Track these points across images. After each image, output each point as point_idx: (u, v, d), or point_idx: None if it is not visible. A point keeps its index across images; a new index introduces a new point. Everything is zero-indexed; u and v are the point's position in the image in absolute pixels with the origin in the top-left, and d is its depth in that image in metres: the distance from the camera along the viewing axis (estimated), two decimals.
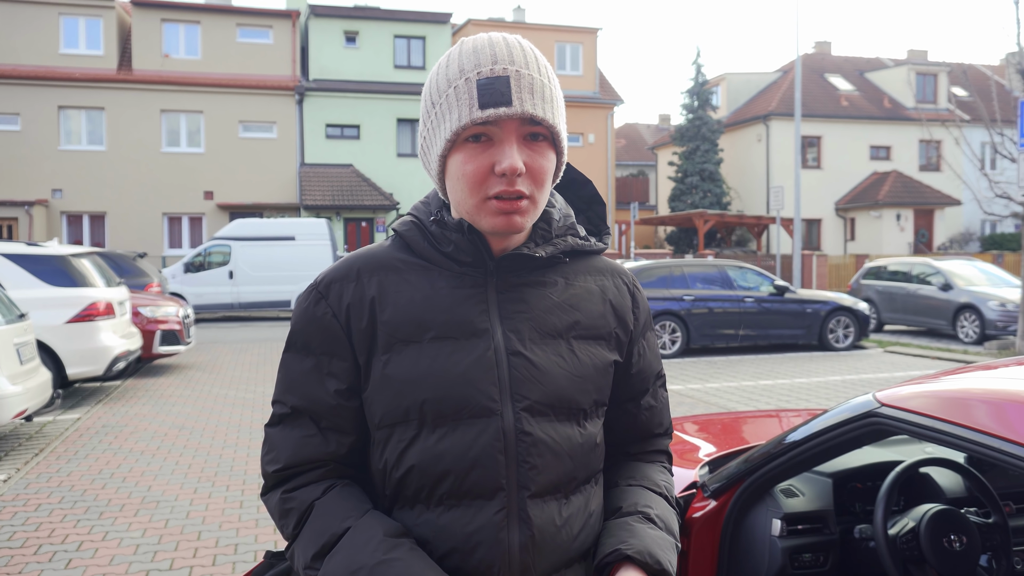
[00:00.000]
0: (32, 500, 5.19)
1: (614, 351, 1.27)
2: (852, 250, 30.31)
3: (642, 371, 1.32)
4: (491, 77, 1.09)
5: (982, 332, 14.03)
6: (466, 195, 1.13)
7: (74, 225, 25.02)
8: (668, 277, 12.85)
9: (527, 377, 1.15)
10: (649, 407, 1.35)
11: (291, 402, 1.20)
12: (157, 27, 25.58)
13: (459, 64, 1.12)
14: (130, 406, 8.37)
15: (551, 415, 1.16)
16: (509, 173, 1.09)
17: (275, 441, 1.20)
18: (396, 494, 1.16)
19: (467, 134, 1.11)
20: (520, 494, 1.12)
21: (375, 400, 1.16)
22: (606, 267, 1.32)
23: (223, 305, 19.42)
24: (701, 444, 2.58)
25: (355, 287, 1.18)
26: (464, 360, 1.14)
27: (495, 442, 1.12)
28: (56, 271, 8.66)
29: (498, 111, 1.08)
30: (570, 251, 1.25)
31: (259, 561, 1.56)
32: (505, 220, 1.12)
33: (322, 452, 1.19)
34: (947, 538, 1.77)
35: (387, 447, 1.16)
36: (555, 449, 1.15)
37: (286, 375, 1.21)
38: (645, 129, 48.96)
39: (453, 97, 1.11)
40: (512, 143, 1.10)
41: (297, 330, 1.21)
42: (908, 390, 1.67)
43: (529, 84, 1.10)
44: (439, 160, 1.15)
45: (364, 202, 24.99)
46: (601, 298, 1.27)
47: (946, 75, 32.27)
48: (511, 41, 1.14)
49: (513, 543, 1.11)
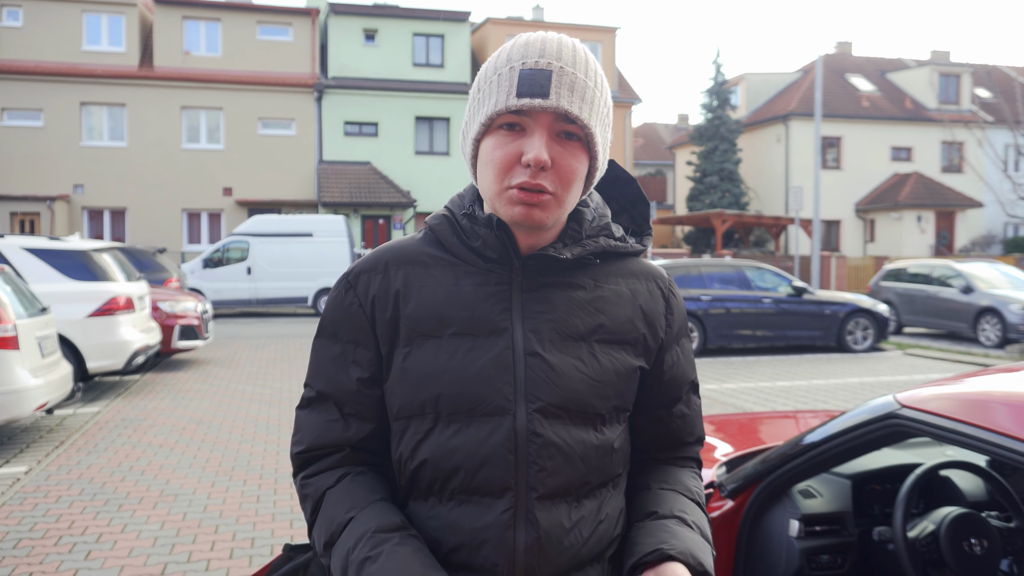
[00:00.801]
0: (52, 492, 5.25)
1: (640, 357, 1.24)
2: (872, 252, 30.06)
3: (675, 378, 1.29)
4: (535, 69, 1.10)
5: (1003, 335, 13.87)
6: (491, 181, 1.14)
7: (95, 220, 25.27)
8: (685, 277, 12.82)
9: (543, 378, 1.14)
10: (682, 415, 1.31)
11: (318, 386, 1.23)
12: (178, 24, 25.79)
13: (508, 54, 1.14)
14: (149, 400, 8.45)
15: (565, 418, 1.14)
16: (534, 164, 1.09)
17: (302, 423, 1.25)
18: (411, 485, 1.18)
19: (501, 120, 1.12)
20: (528, 495, 1.11)
21: (394, 391, 1.18)
22: (641, 270, 1.28)
23: (241, 301, 19.55)
24: (718, 444, 2.57)
25: (381, 279, 1.20)
26: (481, 358, 1.14)
27: (506, 441, 1.12)
28: (77, 266, 8.75)
29: (533, 101, 1.08)
30: (601, 252, 1.23)
31: (276, 555, 1.58)
32: (524, 211, 1.11)
33: (342, 437, 1.21)
34: (967, 542, 1.76)
35: (403, 439, 1.18)
36: (567, 452, 1.14)
37: (316, 360, 1.25)
38: (663, 128, 48.80)
39: (495, 83, 1.12)
40: (543, 136, 1.10)
41: (328, 318, 1.24)
42: (929, 392, 1.66)
43: (571, 82, 1.10)
44: (473, 143, 1.16)
45: (382, 199, 25.07)
46: (631, 302, 1.24)
47: (969, 76, 31.93)
48: (564, 40, 1.15)
49: (519, 543, 1.11)
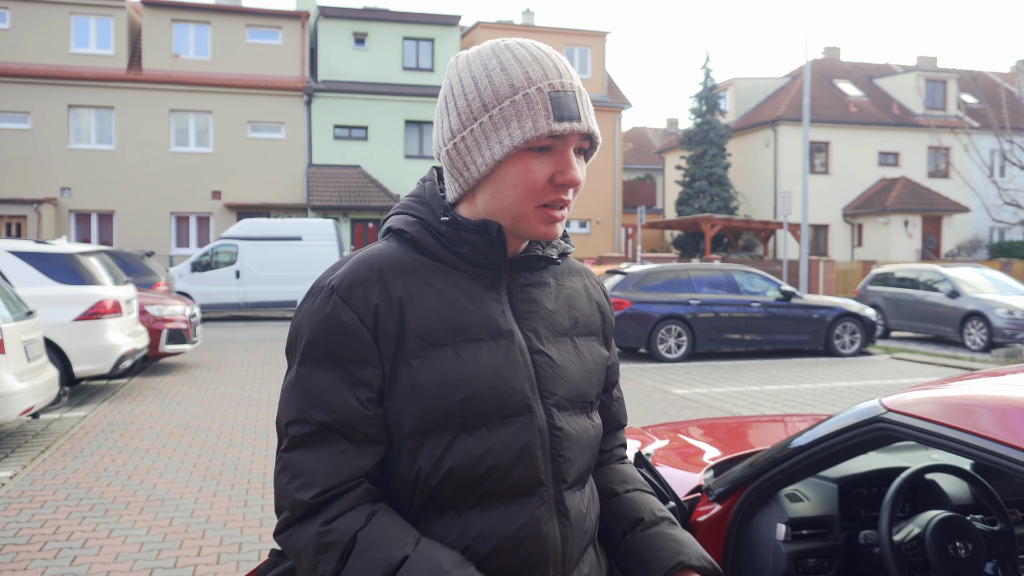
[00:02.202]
0: (38, 497, 5.21)
1: (604, 346, 1.34)
2: (859, 256, 30.24)
3: (614, 364, 1.41)
4: (562, 91, 1.13)
5: (989, 340, 13.97)
6: (519, 201, 1.14)
7: (82, 223, 25.14)
8: (674, 281, 12.85)
9: (551, 375, 1.19)
10: (618, 398, 1.44)
11: (317, 418, 1.10)
12: (167, 27, 25.70)
13: (523, 71, 1.13)
14: (136, 404, 8.40)
15: (571, 409, 1.21)
16: (570, 184, 1.14)
17: (302, 465, 1.10)
18: (427, 502, 1.13)
19: (537, 144, 1.13)
20: (557, 487, 1.17)
21: (405, 408, 1.12)
22: (579, 267, 1.38)
23: (229, 304, 19.48)
24: (706, 448, 2.58)
25: (379, 289, 1.13)
26: (496, 361, 1.15)
27: (535, 439, 1.15)
28: (64, 269, 8.69)
29: (572, 125, 1.12)
30: (563, 252, 1.30)
31: (264, 560, 1.56)
32: (552, 228, 1.17)
33: (359, 467, 1.11)
34: (952, 545, 1.77)
35: (419, 455, 1.12)
36: (580, 441, 1.21)
37: (306, 390, 1.11)
38: (653, 133, 48.94)
39: (523, 104, 1.11)
40: (572, 156, 1.15)
41: (315, 340, 1.11)
42: (915, 396, 1.67)
43: (588, 102, 1.16)
44: (494, 163, 1.13)
45: (371, 203, 25.03)
46: (587, 296, 1.34)
47: (955, 82, 32.18)
48: (555, 54, 1.18)
49: (556, 536, 1.15)
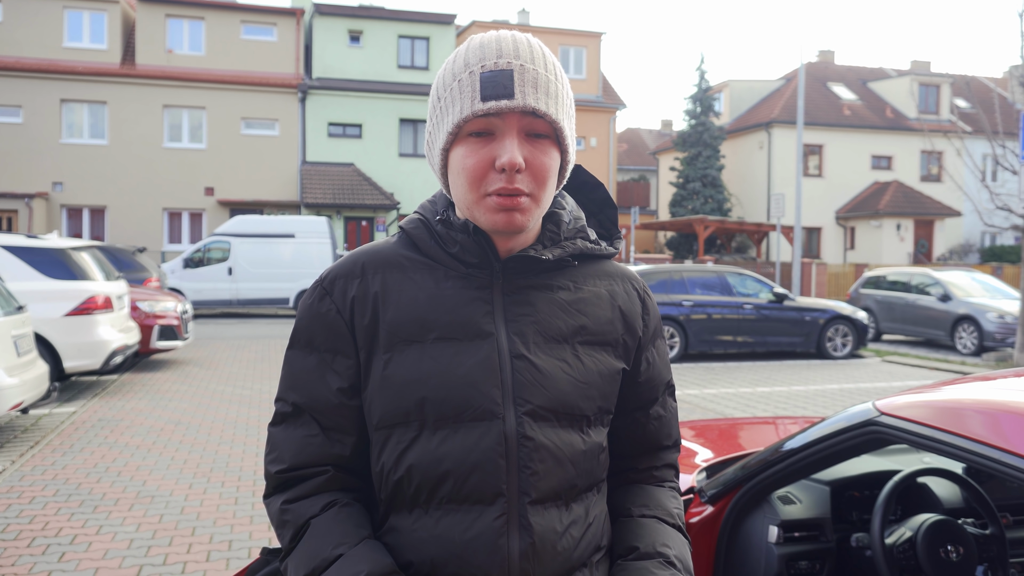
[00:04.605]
0: (27, 493, 5.18)
1: (621, 359, 1.23)
2: (852, 259, 30.35)
3: (651, 379, 1.28)
4: (495, 70, 1.07)
5: (980, 343, 14.04)
6: (465, 190, 1.11)
7: (74, 218, 25.01)
8: (667, 282, 12.86)
9: (530, 381, 1.12)
10: (658, 417, 1.30)
11: (293, 399, 1.18)
12: (161, 22, 25.59)
13: (465, 59, 1.11)
14: (127, 400, 8.36)
15: (554, 421, 1.13)
16: (508, 168, 1.07)
17: (278, 440, 1.19)
18: (392, 497, 1.14)
19: (469, 128, 1.09)
20: (521, 500, 1.10)
21: (375, 400, 1.14)
22: (616, 272, 1.28)
23: (222, 301, 19.41)
24: (698, 449, 2.58)
25: (359, 283, 1.16)
26: (467, 362, 1.11)
27: (496, 446, 1.09)
28: (55, 264, 8.65)
29: (499, 103, 1.06)
30: (579, 254, 1.22)
31: (254, 558, 1.56)
32: (505, 217, 1.10)
33: (325, 453, 1.16)
34: (944, 548, 1.77)
35: (385, 449, 1.14)
36: (557, 455, 1.12)
37: (290, 372, 1.20)
38: (647, 134, 48.98)
39: (456, 90, 1.10)
40: (513, 138, 1.08)
41: (301, 327, 1.19)
42: (907, 399, 1.67)
43: (533, 79, 1.09)
44: (441, 154, 1.14)
45: (365, 201, 24.99)
46: (610, 303, 1.23)
47: (949, 86, 32.33)
48: (519, 38, 1.12)
49: (513, 550, 1.09)
